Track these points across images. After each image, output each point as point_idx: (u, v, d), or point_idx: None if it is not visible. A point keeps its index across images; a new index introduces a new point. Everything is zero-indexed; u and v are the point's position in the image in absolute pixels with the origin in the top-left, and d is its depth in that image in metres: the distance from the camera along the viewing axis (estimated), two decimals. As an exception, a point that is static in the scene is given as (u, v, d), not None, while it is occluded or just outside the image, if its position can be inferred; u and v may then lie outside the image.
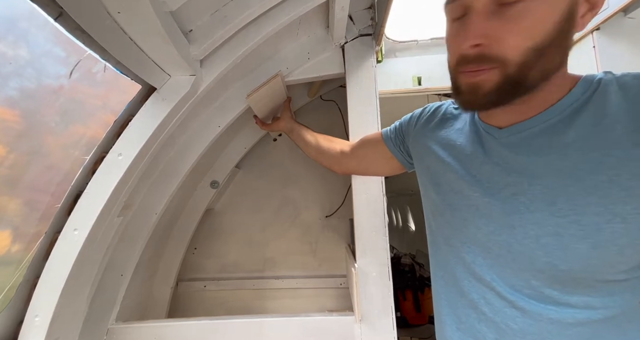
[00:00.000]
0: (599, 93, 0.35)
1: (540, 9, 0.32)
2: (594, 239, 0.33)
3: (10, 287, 0.62)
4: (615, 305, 0.35)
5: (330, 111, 1.32)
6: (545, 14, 0.32)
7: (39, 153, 0.62)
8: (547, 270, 0.37)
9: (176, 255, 1.21)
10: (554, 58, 0.34)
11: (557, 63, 0.35)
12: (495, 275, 0.41)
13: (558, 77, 0.37)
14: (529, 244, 0.37)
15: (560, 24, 0.33)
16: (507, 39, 0.33)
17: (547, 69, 0.34)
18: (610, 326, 0.36)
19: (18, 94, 0.54)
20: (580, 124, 0.35)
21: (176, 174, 0.94)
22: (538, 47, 0.33)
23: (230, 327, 0.82)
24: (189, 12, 0.59)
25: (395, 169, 0.68)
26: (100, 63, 0.53)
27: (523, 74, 0.34)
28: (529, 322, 0.38)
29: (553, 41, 0.33)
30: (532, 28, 0.32)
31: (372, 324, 0.80)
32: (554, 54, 0.34)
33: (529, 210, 0.37)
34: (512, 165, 0.40)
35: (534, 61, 0.33)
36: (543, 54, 0.33)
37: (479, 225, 0.42)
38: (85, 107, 0.65)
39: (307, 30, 0.93)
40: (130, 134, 0.67)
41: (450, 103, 0.54)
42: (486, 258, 0.42)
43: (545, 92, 0.37)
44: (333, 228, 1.32)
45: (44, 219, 0.66)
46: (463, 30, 0.35)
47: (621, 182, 0.32)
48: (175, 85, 0.67)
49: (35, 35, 0.49)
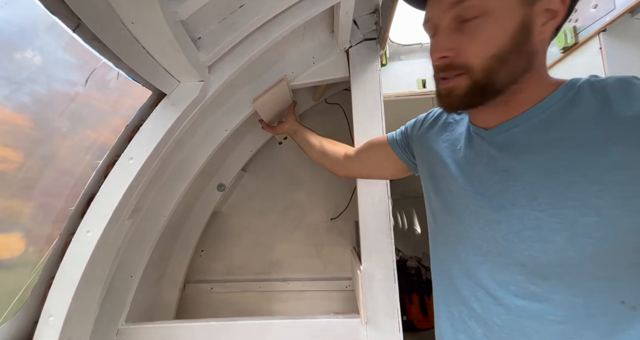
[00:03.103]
0: (580, 95, 0.38)
1: (493, 23, 0.37)
2: (570, 231, 0.36)
3: (26, 287, 0.64)
4: (597, 304, 0.36)
5: (335, 114, 1.33)
6: (499, 27, 0.37)
7: (55, 157, 0.65)
8: (530, 263, 0.39)
9: (183, 257, 1.23)
10: (517, 63, 0.38)
11: (522, 67, 0.39)
12: (485, 272, 0.43)
13: (534, 80, 0.40)
14: (512, 238, 0.40)
15: (515, 34, 0.37)
16: (468, 50, 0.39)
17: (512, 72, 0.39)
18: (593, 326, 0.36)
19: (36, 101, 0.57)
20: (560, 124, 0.38)
21: (184, 177, 0.95)
22: (498, 55, 0.37)
23: (236, 328, 0.83)
24: (197, 20, 0.61)
25: (400, 171, 0.70)
26: (114, 71, 0.55)
27: (489, 78, 0.38)
28: (513, 318, 0.40)
29: (511, 49, 0.37)
30: (489, 39, 0.38)
31: (378, 326, 0.80)
32: (515, 59, 0.38)
33: (514, 205, 0.40)
34: (498, 163, 0.42)
35: (497, 67, 0.38)
36: (504, 60, 0.38)
37: (471, 223, 0.45)
38: (99, 112, 0.67)
39: (312, 35, 0.94)
40: (141, 139, 0.69)
41: None
42: (477, 255, 0.44)
43: (524, 93, 0.40)
44: (338, 230, 1.32)
45: (58, 221, 0.68)
46: (434, 45, 0.42)
47: (595, 178, 0.35)
48: (184, 91, 0.69)
49: (54, 45, 0.51)
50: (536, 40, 0.38)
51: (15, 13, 0.44)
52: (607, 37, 0.85)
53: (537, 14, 0.37)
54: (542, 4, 0.37)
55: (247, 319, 0.85)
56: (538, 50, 0.39)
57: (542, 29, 0.38)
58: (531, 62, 0.39)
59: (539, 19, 0.37)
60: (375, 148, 0.72)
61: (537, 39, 0.38)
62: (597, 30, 0.86)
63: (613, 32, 0.85)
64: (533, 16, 0.37)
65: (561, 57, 1.01)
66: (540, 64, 0.40)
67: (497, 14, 0.37)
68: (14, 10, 0.43)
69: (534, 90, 0.40)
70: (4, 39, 0.47)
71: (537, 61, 0.39)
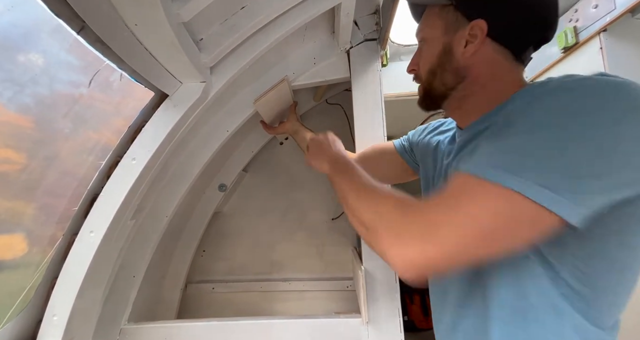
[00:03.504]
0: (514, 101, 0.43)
1: (428, 48, 0.51)
2: None
3: (30, 287, 0.64)
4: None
5: (336, 115, 1.33)
6: (431, 50, 0.50)
7: (58, 158, 0.65)
8: None
9: (185, 257, 1.24)
10: (445, 76, 0.49)
11: (451, 78, 0.49)
12: None
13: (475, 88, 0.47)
14: None
15: (439, 56, 0.49)
16: (420, 66, 0.53)
17: (443, 84, 0.49)
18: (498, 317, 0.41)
19: (39, 102, 0.57)
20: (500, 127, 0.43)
21: (186, 178, 0.96)
22: (431, 70, 0.50)
23: (238, 328, 0.84)
24: (200, 22, 0.61)
25: (403, 175, 0.75)
26: (117, 72, 0.56)
27: (429, 86, 0.51)
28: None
29: (438, 66, 0.49)
30: (426, 59, 0.51)
31: (379, 326, 0.80)
32: (443, 73, 0.49)
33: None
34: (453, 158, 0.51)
35: (431, 79, 0.51)
36: (434, 74, 0.50)
37: None
38: (102, 114, 0.68)
39: (313, 36, 0.95)
40: (144, 139, 0.69)
41: (449, 121, 0.64)
42: None
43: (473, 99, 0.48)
44: (339, 230, 1.32)
45: (62, 222, 0.68)
46: None
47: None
48: (186, 92, 0.69)
49: (58, 47, 0.52)
50: (460, 59, 0.47)
51: (20, 16, 0.45)
52: (608, 37, 0.85)
53: (458, 40, 0.47)
54: (461, 33, 0.46)
55: (248, 319, 0.85)
56: (468, 65, 0.47)
57: (467, 50, 0.46)
58: (460, 74, 0.48)
59: (460, 43, 0.46)
60: (382, 152, 0.77)
61: (461, 58, 0.47)
62: (598, 30, 0.86)
63: (613, 32, 0.85)
64: (454, 42, 0.47)
65: (562, 57, 1.01)
66: (477, 75, 0.47)
67: (429, 41, 0.51)
68: (20, 13, 0.44)
69: (483, 97, 0.47)
70: (9, 41, 0.48)
71: (470, 73, 0.47)
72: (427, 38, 0.51)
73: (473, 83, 0.47)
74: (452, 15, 0.47)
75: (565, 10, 0.98)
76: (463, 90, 0.48)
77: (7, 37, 0.47)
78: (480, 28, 0.44)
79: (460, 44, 0.46)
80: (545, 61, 1.09)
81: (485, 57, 0.46)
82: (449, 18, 0.48)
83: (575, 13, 0.94)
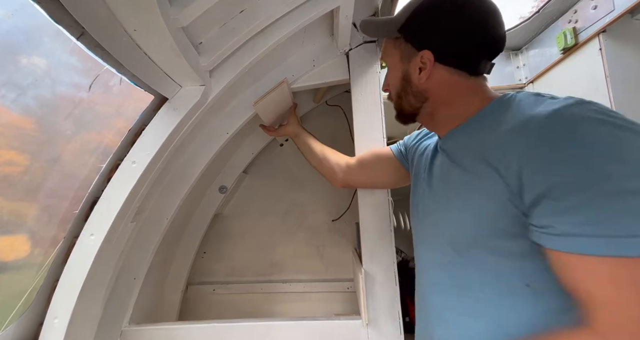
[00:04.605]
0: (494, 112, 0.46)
1: (390, 74, 0.58)
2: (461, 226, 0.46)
3: (31, 290, 0.64)
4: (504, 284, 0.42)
5: (336, 116, 1.34)
6: (393, 76, 0.57)
7: (59, 161, 0.66)
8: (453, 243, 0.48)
9: (186, 259, 1.24)
10: (409, 99, 0.54)
11: (414, 99, 0.54)
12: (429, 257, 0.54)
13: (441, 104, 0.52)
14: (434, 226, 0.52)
15: (401, 81, 0.55)
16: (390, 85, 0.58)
17: (409, 104, 0.55)
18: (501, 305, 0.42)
19: (41, 105, 0.58)
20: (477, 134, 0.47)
21: (186, 180, 0.96)
22: (397, 92, 0.57)
23: (238, 330, 0.84)
24: (199, 26, 0.62)
25: (401, 180, 0.76)
26: (117, 76, 0.56)
27: (399, 107, 0.58)
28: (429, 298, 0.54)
29: (402, 89, 0.55)
30: (392, 83, 0.58)
31: (379, 328, 0.80)
32: (407, 96, 0.54)
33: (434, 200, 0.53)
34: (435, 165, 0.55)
35: (399, 101, 0.57)
36: (400, 97, 0.56)
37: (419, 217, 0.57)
38: (102, 117, 0.68)
39: (312, 39, 0.95)
40: (144, 143, 0.70)
41: None
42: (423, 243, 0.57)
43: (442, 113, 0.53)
44: (340, 232, 1.33)
45: (63, 224, 0.69)
46: None
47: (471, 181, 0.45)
48: (186, 95, 0.70)
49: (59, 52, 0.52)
50: (418, 84, 0.52)
51: (22, 21, 0.45)
52: (607, 38, 0.85)
53: (413, 68, 0.52)
54: (414, 62, 0.51)
55: (249, 320, 0.85)
56: (426, 89, 0.52)
57: (422, 76, 0.51)
58: (422, 96, 0.53)
59: (415, 70, 0.51)
60: (380, 157, 0.78)
61: (418, 83, 0.52)
62: (597, 31, 0.86)
63: (613, 33, 0.85)
64: (410, 70, 0.52)
65: (561, 58, 1.01)
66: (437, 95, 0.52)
67: (391, 68, 0.57)
68: (21, 19, 0.44)
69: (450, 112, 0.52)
70: (12, 45, 0.48)
71: (430, 94, 0.52)
72: (389, 65, 0.58)
73: (436, 102, 0.53)
74: (405, 46, 0.53)
75: (564, 11, 0.98)
76: (430, 108, 0.54)
77: (9, 41, 0.47)
78: (427, 58, 0.50)
79: (415, 71, 0.52)
80: (545, 62, 1.09)
81: (440, 79, 0.51)
82: (402, 48, 0.53)
83: (574, 14, 0.94)
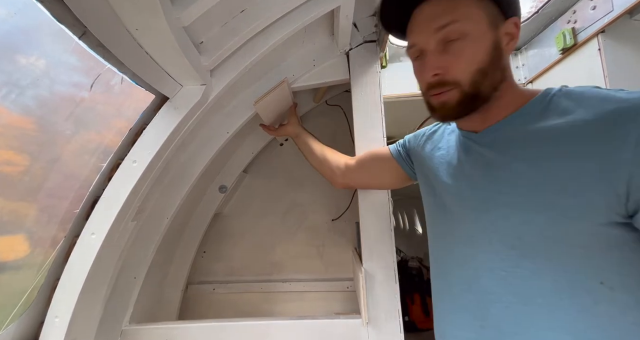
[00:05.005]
0: (554, 102, 0.44)
1: (473, 44, 0.44)
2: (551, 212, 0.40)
3: (32, 289, 0.65)
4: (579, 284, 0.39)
5: (336, 116, 1.34)
6: (477, 47, 0.44)
7: (60, 160, 0.66)
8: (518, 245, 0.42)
9: (186, 258, 1.24)
10: (495, 74, 0.45)
11: (499, 78, 0.46)
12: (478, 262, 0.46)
13: (508, 88, 0.47)
14: (501, 223, 0.44)
15: (490, 52, 0.44)
16: (455, 67, 0.45)
17: (492, 82, 0.45)
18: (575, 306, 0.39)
19: (42, 105, 0.58)
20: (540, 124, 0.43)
21: (186, 179, 0.96)
22: (480, 69, 0.44)
23: (238, 329, 0.84)
24: (200, 25, 0.62)
25: (399, 181, 0.75)
26: (118, 75, 0.56)
27: (476, 88, 0.45)
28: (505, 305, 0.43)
29: (490, 63, 0.44)
30: (472, 57, 0.44)
31: (379, 327, 0.80)
32: (494, 71, 0.45)
33: (500, 193, 0.45)
34: (486, 159, 0.48)
35: (481, 79, 0.45)
36: (485, 72, 0.45)
37: (463, 218, 0.50)
38: (103, 116, 0.68)
39: (312, 38, 0.95)
40: (144, 142, 0.70)
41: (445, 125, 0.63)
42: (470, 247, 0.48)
43: (502, 101, 0.47)
44: (339, 231, 1.33)
45: (64, 223, 0.69)
46: (424, 66, 0.47)
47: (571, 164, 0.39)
48: (186, 95, 0.70)
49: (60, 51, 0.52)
50: (506, 57, 0.46)
51: (24, 21, 0.45)
52: (606, 38, 0.86)
53: (501, 36, 0.45)
54: (504, 28, 0.45)
55: (248, 319, 0.86)
56: (507, 65, 0.47)
57: (507, 48, 0.46)
58: (505, 73, 0.46)
59: (504, 40, 0.45)
60: (378, 158, 0.77)
61: (506, 56, 0.46)
62: (596, 32, 0.86)
63: (611, 33, 0.85)
64: (500, 37, 0.45)
65: (560, 58, 1.01)
66: (510, 75, 0.47)
67: (474, 36, 0.44)
68: (23, 18, 0.44)
69: (509, 98, 0.47)
70: (12, 44, 0.48)
71: (508, 73, 0.47)
72: (469, 33, 0.43)
73: (508, 83, 0.47)
74: (493, 9, 0.44)
75: (563, 11, 0.99)
76: (501, 91, 0.46)
77: (11, 40, 0.47)
78: (517, 26, 0.44)
79: (504, 41, 0.45)
80: (544, 62, 1.09)
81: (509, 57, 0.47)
82: (490, 11, 0.44)
83: (573, 14, 0.95)
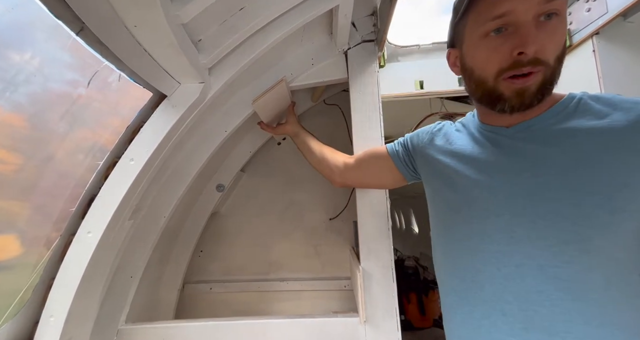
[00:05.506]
0: (583, 104, 0.45)
1: (562, 25, 0.41)
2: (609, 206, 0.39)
3: (27, 288, 0.64)
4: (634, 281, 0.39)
5: (334, 115, 1.34)
6: (564, 30, 0.41)
7: (55, 159, 0.65)
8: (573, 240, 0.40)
9: (183, 257, 1.23)
10: (561, 66, 0.43)
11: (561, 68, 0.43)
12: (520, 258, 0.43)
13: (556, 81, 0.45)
14: (553, 218, 0.41)
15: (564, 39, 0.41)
16: (549, 47, 0.40)
17: (559, 72, 0.43)
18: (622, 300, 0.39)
19: (37, 102, 0.57)
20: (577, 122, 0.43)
21: (184, 178, 0.96)
22: (559, 56, 0.42)
23: (235, 328, 0.84)
24: (198, 23, 0.61)
25: (397, 181, 0.74)
26: (116, 73, 0.56)
27: (554, 76, 0.42)
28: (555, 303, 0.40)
29: (564, 51, 0.42)
30: (560, 40, 0.41)
31: (377, 325, 0.81)
32: (562, 62, 0.42)
33: (549, 189, 0.42)
34: (526, 153, 0.45)
35: (559, 66, 0.42)
36: (561, 61, 0.42)
37: (501, 214, 0.45)
38: (100, 114, 0.68)
39: (311, 37, 0.95)
40: (142, 140, 0.69)
41: (449, 123, 0.62)
42: (509, 244, 0.44)
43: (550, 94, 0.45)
44: (337, 230, 1.33)
45: (58, 222, 0.68)
46: (514, 40, 0.41)
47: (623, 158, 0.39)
48: (184, 93, 0.69)
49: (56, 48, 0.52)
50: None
51: (20, 17, 0.44)
52: (600, 40, 0.87)
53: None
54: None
55: (245, 318, 0.85)
56: None
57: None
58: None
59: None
60: (375, 158, 0.76)
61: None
62: (591, 33, 0.88)
63: (606, 35, 0.87)
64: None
65: (556, 60, 1.03)
66: None
67: (564, 17, 0.40)
68: (20, 14, 0.44)
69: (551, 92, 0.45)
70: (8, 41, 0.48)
71: None
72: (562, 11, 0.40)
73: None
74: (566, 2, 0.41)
75: (559, 13, 1.00)
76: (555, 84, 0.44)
77: (6, 36, 0.47)
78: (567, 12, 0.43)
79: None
80: (540, 63, 1.10)
81: None
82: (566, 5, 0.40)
83: (568, 16, 0.96)
